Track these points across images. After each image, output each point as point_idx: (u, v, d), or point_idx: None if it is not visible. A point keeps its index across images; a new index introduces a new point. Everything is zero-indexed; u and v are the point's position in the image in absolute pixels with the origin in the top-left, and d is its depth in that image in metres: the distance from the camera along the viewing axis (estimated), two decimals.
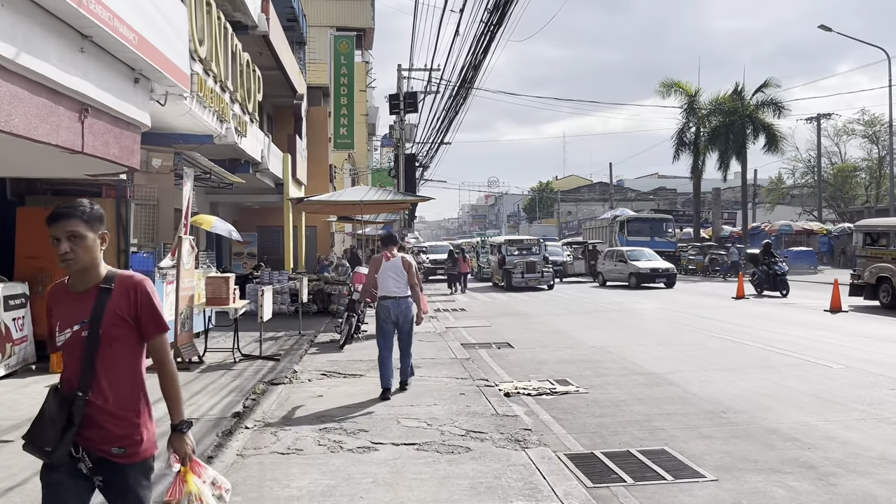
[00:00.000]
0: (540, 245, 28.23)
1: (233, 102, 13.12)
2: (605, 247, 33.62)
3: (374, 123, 46.30)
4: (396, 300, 7.55)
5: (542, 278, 25.05)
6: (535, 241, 28.69)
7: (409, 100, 20.53)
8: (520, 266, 25.04)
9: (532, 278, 24.92)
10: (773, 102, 36.17)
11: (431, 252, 36.71)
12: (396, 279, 7.56)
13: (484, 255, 33.52)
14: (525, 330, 13.63)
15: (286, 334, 12.26)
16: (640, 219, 37.55)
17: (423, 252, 36.14)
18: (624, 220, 36.57)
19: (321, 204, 16.77)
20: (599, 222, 42.35)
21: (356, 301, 11.00)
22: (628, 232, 35.05)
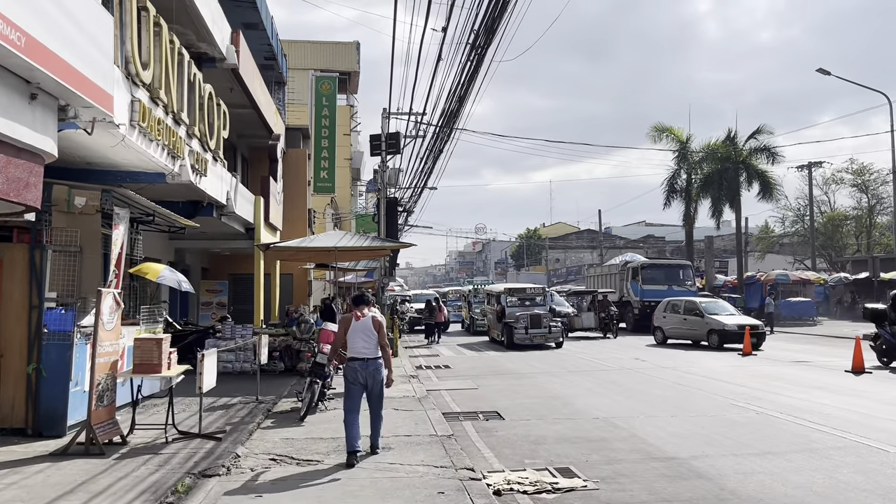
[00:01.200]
0: (546, 295, 24.84)
1: (190, 137, 11.74)
2: (615, 296, 30.86)
3: (358, 168, 45.12)
4: (365, 361, 7.28)
5: (549, 334, 21.49)
6: (539, 291, 25.06)
7: (392, 140, 19.28)
8: (523, 320, 21.47)
9: (537, 334, 21.41)
10: (766, 149, 35.41)
11: (417, 301, 34.68)
12: (366, 340, 7.31)
13: (478, 305, 30.23)
14: (516, 394, 12.07)
15: (242, 401, 10.63)
16: (655, 265, 32.96)
17: (406, 301, 34.58)
18: (637, 267, 31.93)
19: (292, 251, 15.30)
20: (607, 269, 37.45)
21: (321, 364, 9.47)
22: (643, 280, 30.77)
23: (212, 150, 13.11)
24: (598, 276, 38.37)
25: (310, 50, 36.73)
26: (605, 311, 26.74)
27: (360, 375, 7.25)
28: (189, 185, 11.80)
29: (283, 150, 23.46)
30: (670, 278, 30.68)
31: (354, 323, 7.36)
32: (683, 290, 29.31)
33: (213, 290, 22.12)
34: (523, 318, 21.55)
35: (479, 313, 28.91)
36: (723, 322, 21.03)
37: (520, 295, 24.01)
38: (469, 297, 32.30)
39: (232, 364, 13.99)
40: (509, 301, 23.49)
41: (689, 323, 22.22)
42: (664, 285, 29.57)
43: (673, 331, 22.94)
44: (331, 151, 26.71)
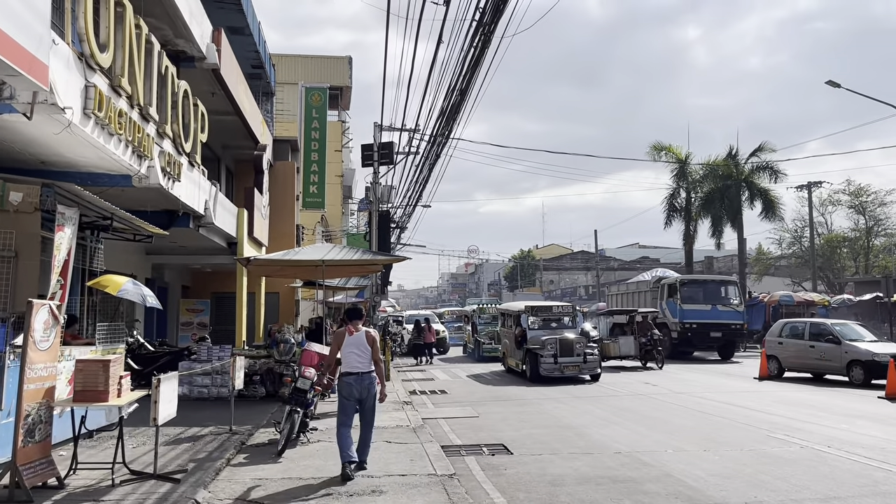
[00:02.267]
0: (575, 315, 19.93)
1: (161, 137, 10.60)
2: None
3: (350, 186, 44.02)
4: (359, 376, 7.27)
5: (583, 364, 17.04)
6: (568, 310, 20.10)
7: (384, 150, 18.19)
8: (551, 345, 17.01)
9: (569, 364, 16.93)
10: (768, 167, 34.54)
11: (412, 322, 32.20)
12: (360, 354, 7.31)
13: (484, 327, 26.54)
14: (522, 423, 10.84)
15: (213, 432, 9.37)
16: (696, 281, 28.10)
17: (399, 322, 33.30)
18: (675, 283, 26.95)
19: (276, 265, 14.10)
20: (634, 286, 32.69)
21: (302, 390, 8.25)
22: (682, 298, 25.98)
23: (187, 154, 11.97)
24: (622, 295, 33.42)
25: (300, 64, 35.75)
26: (647, 336, 21.80)
27: (354, 390, 7.24)
28: (159, 189, 10.64)
29: (270, 162, 22.32)
30: (713, 296, 26.34)
31: (348, 338, 7.35)
32: (730, 311, 25.80)
33: (194, 309, 20.85)
34: (551, 343, 17.06)
35: (486, 336, 25.52)
36: (872, 352, 15.97)
37: (544, 315, 19.41)
38: (473, 317, 27.83)
39: (208, 389, 12.73)
40: (531, 322, 19.01)
41: (820, 351, 17.23)
42: (707, 304, 25.39)
43: (791, 360, 18.04)
44: (321, 165, 25.61)
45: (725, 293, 26.92)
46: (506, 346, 20.54)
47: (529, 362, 17.52)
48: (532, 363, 17.38)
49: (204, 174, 14.07)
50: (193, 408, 11.74)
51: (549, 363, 17.02)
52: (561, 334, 17.67)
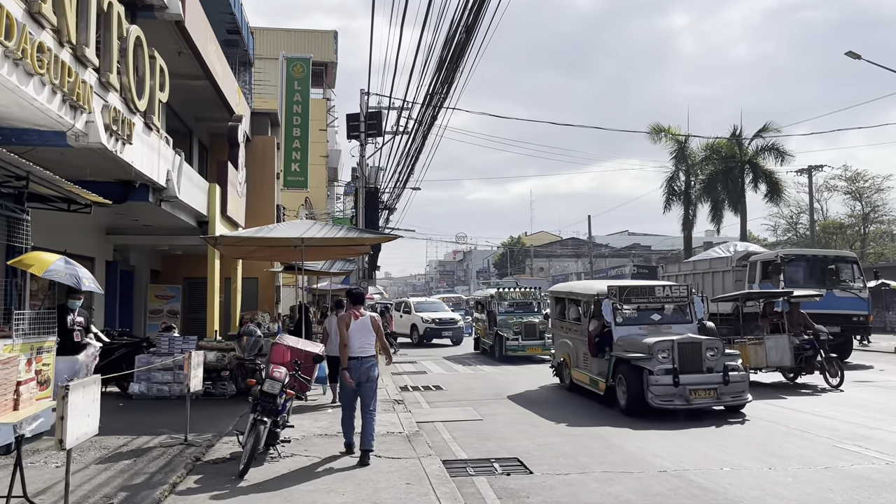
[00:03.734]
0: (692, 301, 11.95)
1: (105, 89, 8.86)
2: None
3: (335, 168, 42.20)
4: (359, 360, 7.29)
5: (723, 388, 10.19)
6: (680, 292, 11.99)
7: (372, 120, 16.48)
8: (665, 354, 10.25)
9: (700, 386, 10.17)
10: (773, 148, 33.08)
11: (423, 310, 28.37)
12: (364, 339, 7.35)
13: (506, 318, 20.44)
14: (535, 428, 9.26)
15: (164, 443, 7.72)
16: (804, 257, 19.98)
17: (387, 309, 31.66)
18: (775, 260, 19.29)
19: (249, 245, 12.41)
20: (706, 265, 23.05)
21: (270, 395, 6.61)
22: (789, 280, 18.57)
23: (141, 113, 10.23)
24: (684, 277, 23.67)
25: (282, 38, 33.83)
26: (809, 334, 13.68)
27: (353, 374, 7.23)
28: (105, 152, 8.92)
29: (248, 136, 20.54)
30: (825, 278, 19.04)
31: (354, 322, 7.32)
32: (851, 298, 18.74)
33: (164, 295, 19.10)
34: (664, 349, 10.16)
35: (511, 330, 19.52)
36: None
37: (642, 299, 11.63)
38: (490, 304, 21.43)
39: (169, 387, 11.05)
40: (624, 312, 11.77)
41: None
42: (817, 286, 18.03)
43: None
44: (303, 142, 23.82)
45: (841, 273, 19.70)
46: (569, 352, 13.04)
47: (626, 382, 10.31)
48: (631, 384, 10.18)
49: (168, 142, 12.35)
50: (149, 410, 10.10)
51: (663, 385, 9.87)
52: (675, 333, 10.80)
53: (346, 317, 7.45)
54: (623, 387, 10.48)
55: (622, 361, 10.59)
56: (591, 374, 11.81)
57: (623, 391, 10.47)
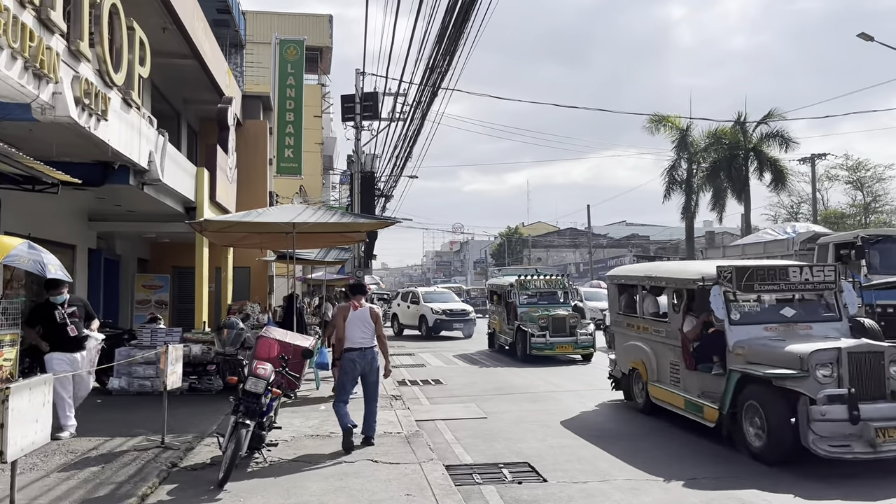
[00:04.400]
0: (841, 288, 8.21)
1: (75, 58, 8.10)
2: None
3: (331, 156, 41.38)
4: (363, 351, 7.21)
5: None
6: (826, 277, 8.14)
7: (368, 102, 15.71)
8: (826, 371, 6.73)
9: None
10: (778, 135, 32.38)
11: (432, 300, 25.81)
12: (364, 329, 7.26)
13: (529, 310, 17.31)
14: (544, 428, 8.58)
15: (138, 446, 7.03)
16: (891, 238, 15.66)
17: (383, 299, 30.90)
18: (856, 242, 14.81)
19: (237, 230, 11.68)
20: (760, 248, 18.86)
21: (254, 394, 5.91)
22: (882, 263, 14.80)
23: (118, 88, 9.48)
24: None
25: (276, 22, 32.94)
26: None
27: (357, 365, 7.20)
28: (76, 128, 8.17)
29: (239, 120, 19.78)
30: None
31: (352, 313, 7.27)
32: None
33: (151, 285, 18.36)
34: (828, 363, 6.80)
35: (536, 325, 16.35)
36: None
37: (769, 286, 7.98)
38: (510, 294, 18.35)
39: (151, 382, 10.32)
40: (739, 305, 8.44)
41: None
42: None
43: None
44: (297, 127, 23.02)
45: None
46: (644, 360, 9.62)
47: (764, 414, 6.95)
48: (773, 417, 6.85)
49: (152, 123, 11.60)
50: (128, 407, 9.40)
51: (833, 421, 6.56)
52: (819, 336, 7.69)
53: (345, 308, 7.39)
54: (757, 420, 6.92)
55: (753, 380, 7.09)
56: (687, 395, 8.32)
57: (757, 427, 6.91)
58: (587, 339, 16.14)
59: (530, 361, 15.92)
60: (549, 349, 16.00)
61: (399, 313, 27.20)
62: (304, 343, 7.47)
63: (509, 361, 16.53)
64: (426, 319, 24.69)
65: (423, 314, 25.00)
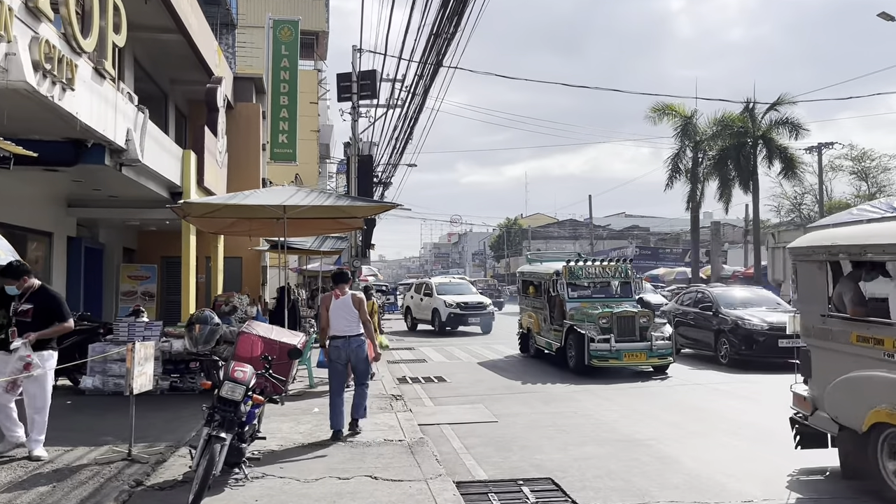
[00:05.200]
0: None
1: (35, 17, 7.17)
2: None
3: (328, 145, 40.35)
4: (347, 339, 7.20)
5: None
6: None
7: (365, 80, 14.77)
8: None
9: None
10: (788, 122, 31.42)
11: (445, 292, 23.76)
12: (347, 318, 7.23)
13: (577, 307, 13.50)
14: (563, 433, 7.69)
15: (100, 458, 6.12)
16: None
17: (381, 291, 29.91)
18: None
19: (227, 217, 10.75)
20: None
21: (231, 401, 5.00)
22: None
23: (88, 55, 8.53)
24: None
25: (270, 4, 31.79)
26: None
27: (342, 353, 7.19)
28: (37, 97, 7.25)
29: (230, 102, 18.83)
30: None
31: (335, 301, 7.26)
32: None
33: (138, 275, 17.43)
34: None
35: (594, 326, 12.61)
36: None
37: None
38: (556, 284, 14.02)
39: None
40: None
41: None
42: None
43: None
44: (291, 112, 22.03)
45: None
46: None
47: None
48: None
49: (132, 99, 10.64)
50: (101, 409, 8.51)
51: None
52: None
53: (327, 298, 7.36)
54: None
55: None
56: None
57: None
58: (664, 345, 12.42)
59: (587, 374, 12.22)
60: (615, 358, 12.22)
61: (412, 306, 25.35)
62: (291, 340, 6.55)
63: (559, 374, 12.56)
64: (439, 313, 22.71)
65: (435, 307, 23.01)
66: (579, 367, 12.39)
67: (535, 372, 13.05)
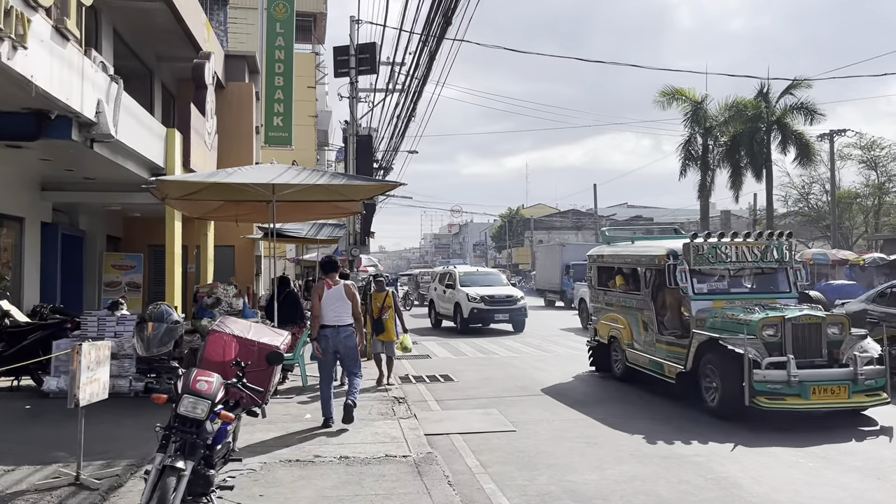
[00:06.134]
0: None
1: None
2: None
3: (326, 131, 39.17)
4: (336, 329, 7.20)
5: None
6: None
7: (364, 54, 13.65)
8: None
9: None
10: (803, 106, 30.29)
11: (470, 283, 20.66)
12: (338, 308, 7.22)
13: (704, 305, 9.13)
14: (596, 447, 6.63)
15: (41, 482, 5.07)
16: None
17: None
18: None
19: (212, 199, 9.67)
20: None
21: (192, 420, 3.92)
22: None
23: (45, 10, 7.43)
24: None
25: None
26: None
27: (331, 343, 7.17)
28: None
29: (220, 81, 17.70)
30: None
31: (327, 291, 7.22)
32: None
33: (122, 265, 16.35)
34: None
35: (755, 340, 7.90)
36: None
37: None
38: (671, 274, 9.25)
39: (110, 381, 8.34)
40: None
41: None
42: None
43: None
44: (287, 93, 20.93)
45: None
46: None
47: None
48: None
49: (105, 69, 9.55)
50: (62, 416, 7.39)
51: None
52: None
53: (319, 286, 7.33)
54: None
55: None
56: None
57: None
58: (874, 372, 7.84)
59: (742, 419, 7.69)
60: (795, 395, 7.55)
61: (435, 300, 22.29)
62: (273, 341, 5.43)
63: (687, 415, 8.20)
64: (461, 308, 19.48)
65: (457, 301, 19.83)
66: (730, 407, 7.78)
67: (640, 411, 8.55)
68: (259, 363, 4.78)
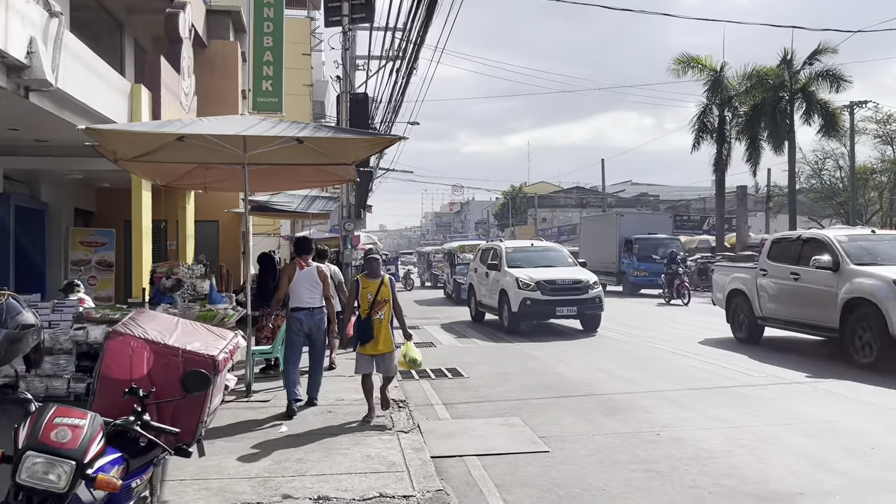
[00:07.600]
0: None
1: None
2: None
3: (322, 102, 37.33)
4: (310, 311, 7.08)
5: None
6: None
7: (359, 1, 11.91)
8: None
9: None
10: (829, 74, 28.46)
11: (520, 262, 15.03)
12: (311, 289, 7.09)
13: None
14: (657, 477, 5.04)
15: None
16: None
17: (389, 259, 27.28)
18: None
19: (178, 162, 7.99)
20: None
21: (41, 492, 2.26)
22: None
23: None
24: None
25: None
26: None
27: (304, 325, 7.05)
28: None
29: (201, 38, 15.97)
30: None
31: (299, 272, 7.09)
32: None
33: (91, 241, 14.69)
34: None
35: None
36: None
37: None
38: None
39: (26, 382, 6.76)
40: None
41: None
42: None
43: None
44: (277, 55, 19.19)
45: None
46: None
47: None
48: None
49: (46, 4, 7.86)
50: None
51: None
52: None
53: (290, 267, 7.26)
54: None
55: None
56: None
57: None
58: None
59: None
60: None
61: (475, 285, 16.80)
62: (207, 349, 3.59)
63: None
64: (507, 299, 14.23)
65: (503, 288, 14.56)
66: None
67: None
68: (171, 388, 3.11)
